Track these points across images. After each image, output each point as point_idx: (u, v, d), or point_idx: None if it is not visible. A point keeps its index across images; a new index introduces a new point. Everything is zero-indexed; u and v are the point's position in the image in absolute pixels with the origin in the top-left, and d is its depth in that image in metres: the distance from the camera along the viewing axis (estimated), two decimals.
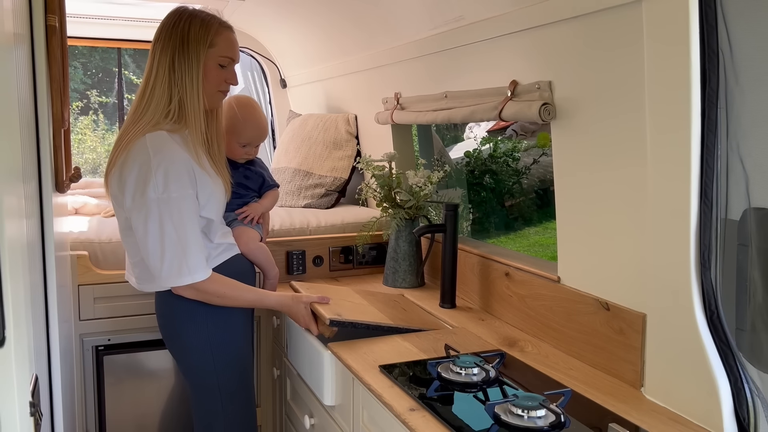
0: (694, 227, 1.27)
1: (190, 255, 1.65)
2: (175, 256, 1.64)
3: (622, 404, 1.39)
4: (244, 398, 1.86)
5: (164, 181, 1.62)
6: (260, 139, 2.03)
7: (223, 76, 1.76)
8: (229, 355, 1.81)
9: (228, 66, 1.77)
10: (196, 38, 1.70)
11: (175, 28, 1.71)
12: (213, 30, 1.72)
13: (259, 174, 2.06)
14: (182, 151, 1.68)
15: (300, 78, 3.41)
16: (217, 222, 1.79)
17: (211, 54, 1.73)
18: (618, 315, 1.52)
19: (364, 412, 1.59)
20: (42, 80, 1.48)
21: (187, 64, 1.69)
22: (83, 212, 2.63)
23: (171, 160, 1.64)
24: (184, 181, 1.65)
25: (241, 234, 1.93)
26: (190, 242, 1.65)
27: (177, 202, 1.63)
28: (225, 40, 1.75)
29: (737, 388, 1.26)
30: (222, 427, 1.82)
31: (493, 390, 1.47)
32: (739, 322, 1.31)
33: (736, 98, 1.16)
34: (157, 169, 1.62)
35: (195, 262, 1.66)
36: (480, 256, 2.10)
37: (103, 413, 2.27)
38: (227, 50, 1.75)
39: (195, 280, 1.67)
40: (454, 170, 6.70)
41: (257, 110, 2.02)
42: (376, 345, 1.74)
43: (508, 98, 1.78)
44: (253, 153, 2.04)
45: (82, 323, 2.20)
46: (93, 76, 10.52)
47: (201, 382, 1.82)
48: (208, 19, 1.73)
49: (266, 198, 2.07)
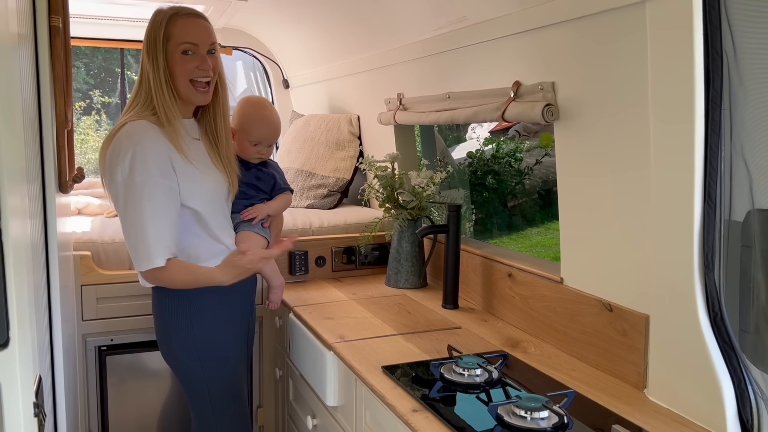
0: (698, 228, 1.27)
1: (148, 240, 1.64)
2: (137, 240, 1.65)
3: (625, 405, 1.39)
4: (234, 402, 1.83)
5: (131, 165, 1.63)
6: (271, 138, 1.99)
7: (192, 63, 1.72)
8: (218, 361, 1.79)
9: (194, 52, 1.71)
10: (154, 37, 1.70)
11: (146, 32, 1.74)
12: (166, 22, 1.71)
13: (270, 176, 2.00)
14: (159, 140, 1.67)
15: (303, 78, 3.41)
16: (206, 212, 1.75)
17: (171, 47, 1.70)
18: (621, 316, 1.51)
19: (366, 412, 1.59)
20: (45, 80, 1.48)
21: (154, 64, 1.70)
22: (86, 212, 2.64)
23: (141, 146, 1.64)
24: (149, 166, 1.64)
25: (244, 239, 1.87)
26: (149, 228, 1.63)
27: (140, 186, 1.63)
28: (181, 28, 1.71)
29: (741, 390, 1.25)
30: (214, 429, 1.82)
31: (496, 391, 1.47)
32: (743, 323, 1.31)
33: (739, 99, 1.16)
34: (126, 154, 1.64)
35: (152, 249, 1.64)
36: (482, 256, 2.10)
37: (105, 413, 2.27)
38: (183, 36, 1.70)
39: (148, 267, 1.65)
40: (457, 171, 6.70)
41: (268, 109, 1.98)
42: (379, 345, 1.74)
43: (511, 99, 1.78)
44: (266, 153, 2.00)
45: (84, 323, 2.20)
46: (96, 76, 10.53)
47: (190, 385, 1.81)
48: (164, 14, 1.72)
49: (275, 200, 2.00)
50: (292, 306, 2.13)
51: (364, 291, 2.31)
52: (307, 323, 1.96)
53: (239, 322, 1.85)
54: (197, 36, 1.72)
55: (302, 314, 2.03)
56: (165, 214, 1.66)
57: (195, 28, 1.72)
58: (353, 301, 2.18)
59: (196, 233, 1.75)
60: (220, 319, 1.78)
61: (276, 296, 2.08)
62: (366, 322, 1.95)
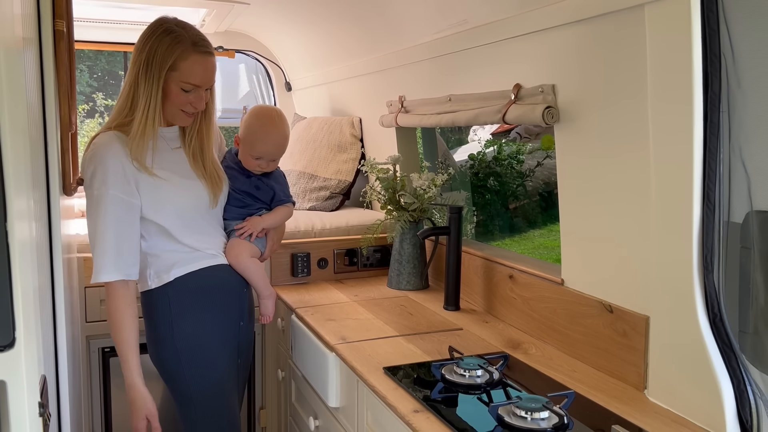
0: (697, 230, 1.28)
1: (98, 254, 1.65)
2: (94, 253, 1.67)
3: (625, 406, 1.40)
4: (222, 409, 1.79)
5: (91, 178, 1.65)
6: (274, 155, 1.91)
7: (187, 99, 1.69)
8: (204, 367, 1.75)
9: (192, 91, 1.69)
10: (160, 59, 1.65)
11: (146, 43, 1.67)
12: (178, 52, 1.65)
13: (270, 187, 1.93)
14: (119, 153, 1.66)
15: (305, 81, 3.43)
16: (175, 228, 1.72)
17: (173, 77, 1.66)
18: (621, 317, 1.52)
19: (368, 413, 1.60)
20: (50, 84, 1.50)
21: (147, 82, 1.65)
22: None
23: (102, 158, 1.65)
24: (108, 180, 1.64)
25: (232, 246, 1.83)
26: (101, 240, 1.64)
27: (96, 200, 1.65)
28: (190, 65, 1.66)
29: (740, 391, 1.26)
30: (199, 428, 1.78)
31: (497, 392, 1.48)
32: (742, 324, 1.32)
33: (738, 101, 1.17)
34: (89, 166, 1.66)
35: (100, 263, 1.64)
36: (484, 258, 2.10)
37: (109, 415, 2.28)
38: (190, 76, 1.66)
39: (98, 279, 1.65)
40: (459, 173, 6.70)
41: (276, 126, 1.89)
42: (381, 347, 1.75)
43: (511, 101, 1.79)
44: (268, 167, 1.91)
45: (88, 325, 2.21)
46: (99, 79, 10.58)
47: (175, 390, 1.78)
48: (179, 40, 1.65)
49: (272, 213, 1.93)
50: (294, 308, 2.14)
51: (366, 292, 2.32)
52: (309, 325, 1.97)
53: (227, 327, 1.79)
54: (203, 79, 1.69)
55: (304, 316, 2.04)
56: (115, 230, 1.64)
57: (204, 69, 1.69)
58: (355, 303, 2.19)
59: (165, 242, 1.74)
60: (204, 324, 1.75)
61: (267, 308, 1.93)
62: (368, 323, 1.96)
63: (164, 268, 1.73)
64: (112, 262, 1.65)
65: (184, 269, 1.74)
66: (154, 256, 1.73)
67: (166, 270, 1.73)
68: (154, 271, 1.74)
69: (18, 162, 0.94)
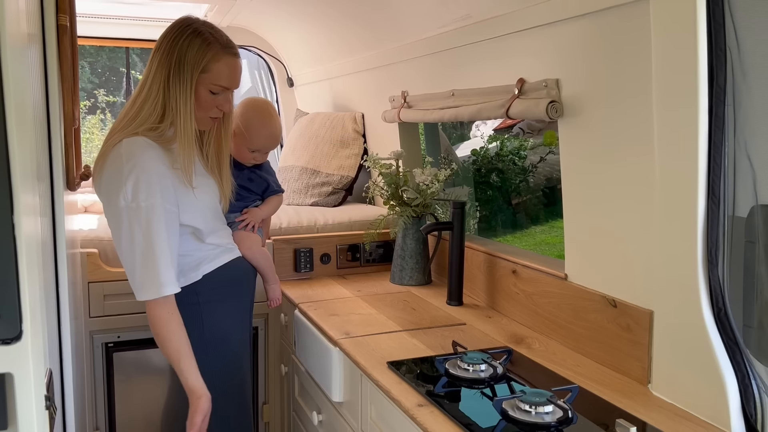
0: (701, 224, 1.28)
1: (159, 266, 1.58)
2: (144, 267, 1.58)
3: (629, 400, 1.40)
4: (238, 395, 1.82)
5: (134, 190, 1.56)
6: (271, 147, 1.98)
7: (215, 102, 1.67)
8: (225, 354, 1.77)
9: (221, 93, 1.67)
10: (192, 60, 1.62)
11: (174, 44, 1.63)
12: (210, 54, 1.63)
13: (263, 179, 2.01)
14: (158, 161, 1.61)
15: (307, 77, 3.42)
16: (206, 228, 1.73)
17: (203, 79, 1.64)
18: (625, 312, 1.52)
19: (372, 408, 1.60)
20: (54, 79, 1.50)
21: (181, 86, 1.62)
22: (92, 210, 2.66)
23: (143, 168, 1.57)
24: (154, 191, 1.57)
25: (243, 238, 1.90)
26: (160, 253, 1.58)
27: (146, 211, 1.56)
28: (221, 67, 1.64)
29: (744, 385, 1.26)
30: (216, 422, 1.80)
31: (501, 386, 1.48)
32: (747, 319, 1.32)
33: (743, 95, 1.17)
34: (128, 177, 1.56)
35: (165, 278, 1.58)
36: (487, 253, 2.10)
37: (112, 410, 2.29)
38: (220, 78, 1.65)
39: (161, 294, 1.59)
40: (461, 168, 6.70)
41: (272, 118, 1.95)
42: (384, 342, 1.76)
43: (515, 96, 1.79)
44: (261, 159, 1.99)
45: (92, 320, 2.22)
46: (100, 75, 10.57)
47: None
48: (209, 41, 1.63)
49: (267, 204, 2.02)
50: (297, 303, 2.14)
51: (369, 288, 2.32)
52: (313, 320, 1.97)
53: (247, 317, 1.87)
54: (232, 81, 1.67)
55: (307, 311, 2.04)
56: (170, 243, 1.62)
57: (234, 72, 1.67)
58: (358, 298, 2.19)
59: (193, 243, 1.73)
60: (228, 311, 1.77)
61: (276, 292, 2.04)
62: (371, 318, 1.96)
63: (192, 267, 1.72)
64: (174, 275, 1.62)
65: (210, 266, 1.74)
66: (182, 256, 1.71)
67: (193, 269, 1.72)
68: (181, 271, 1.71)
69: (24, 157, 0.94)
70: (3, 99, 0.87)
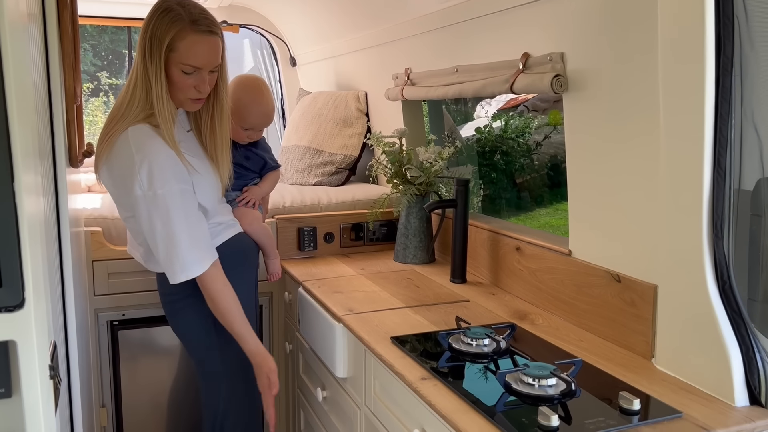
0: (707, 197, 1.27)
1: (181, 251, 1.60)
2: (167, 253, 1.61)
3: (632, 374, 1.40)
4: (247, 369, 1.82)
5: (148, 178, 1.57)
6: (265, 124, 1.99)
7: (189, 82, 1.62)
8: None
9: (194, 73, 1.61)
10: (159, 39, 1.57)
11: (148, 23, 1.60)
12: (174, 31, 1.57)
13: (260, 156, 2.04)
14: (166, 145, 1.61)
15: (310, 56, 3.40)
16: (211, 208, 1.75)
17: (172, 59, 1.59)
18: (629, 287, 1.52)
19: (375, 382, 1.61)
20: (54, 55, 1.49)
21: (153, 67, 1.58)
22: (96, 190, 2.66)
23: (154, 155, 1.58)
24: (168, 176, 1.58)
25: (244, 214, 1.93)
26: (180, 238, 1.59)
27: (163, 198, 1.57)
28: (189, 46, 1.58)
29: (749, 358, 1.26)
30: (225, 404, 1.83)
31: (504, 360, 1.48)
32: (752, 292, 1.31)
33: (751, 65, 1.15)
34: (140, 166, 1.57)
35: (187, 258, 1.61)
36: (490, 231, 2.10)
37: (118, 387, 2.30)
38: (188, 57, 1.58)
39: (189, 276, 1.63)
40: (465, 147, 6.67)
41: (264, 95, 1.95)
42: (388, 318, 1.76)
43: (519, 71, 1.77)
44: (256, 137, 2.01)
45: (96, 298, 2.23)
46: (103, 58, 10.54)
47: (203, 355, 1.82)
48: (175, 18, 1.57)
49: (266, 181, 2.05)
50: (301, 281, 2.14)
51: (373, 266, 2.32)
52: (317, 297, 1.97)
53: (251, 287, 1.88)
54: (203, 60, 1.61)
55: (311, 288, 2.04)
56: (198, 219, 1.65)
57: (203, 50, 1.60)
58: (362, 276, 2.19)
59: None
60: (234, 285, 1.76)
61: (276, 267, 2.09)
62: (374, 295, 1.97)
63: None
64: (209, 247, 1.66)
65: (215, 242, 1.75)
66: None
67: None
68: None
69: (25, 137, 0.94)
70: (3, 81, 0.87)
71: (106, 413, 2.30)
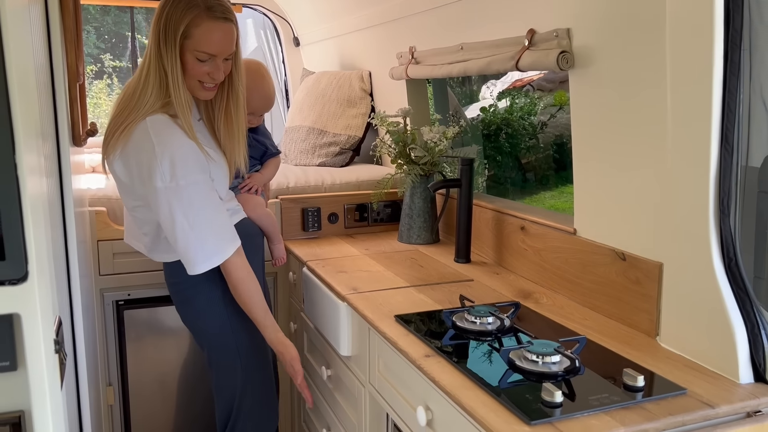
0: (714, 174, 1.25)
1: (204, 241, 1.61)
2: (187, 243, 1.60)
3: (637, 352, 1.40)
4: (261, 353, 1.86)
5: (171, 170, 1.56)
6: (265, 109, 1.99)
7: (204, 69, 1.62)
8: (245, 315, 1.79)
9: (208, 60, 1.61)
10: (174, 25, 1.57)
11: (163, 9, 1.59)
12: (189, 18, 1.56)
13: (260, 143, 2.05)
14: (185, 135, 1.61)
15: (313, 36, 3.38)
16: (223, 196, 1.76)
17: (187, 45, 1.59)
18: (634, 265, 1.51)
19: (380, 360, 1.61)
20: (56, 33, 1.48)
21: (168, 54, 1.58)
22: (100, 170, 2.65)
23: (176, 147, 1.57)
24: (191, 167, 1.59)
25: (248, 200, 1.94)
26: (203, 228, 1.61)
27: (186, 189, 1.57)
28: (203, 33, 1.57)
29: (754, 335, 1.26)
30: (242, 386, 1.83)
31: (508, 338, 1.48)
32: (757, 269, 1.30)
33: (760, 37, 1.13)
34: (162, 158, 1.56)
35: (211, 248, 1.63)
36: (495, 210, 2.09)
37: (124, 366, 2.32)
38: (203, 44, 1.58)
39: (212, 265, 1.64)
40: (470, 127, 6.63)
41: (264, 79, 1.93)
42: (392, 297, 1.76)
43: (525, 47, 1.75)
44: (257, 122, 2.01)
45: (102, 278, 2.24)
46: (106, 40, 10.49)
47: (217, 343, 1.82)
48: (191, 5, 1.57)
49: (267, 167, 2.07)
50: (305, 261, 2.15)
51: (377, 246, 2.32)
52: (321, 276, 1.98)
53: (258, 269, 1.87)
54: (218, 47, 1.60)
55: (315, 268, 2.05)
56: (218, 206, 1.66)
57: (219, 37, 1.59)
58: (366, 256, 2.19)
59: None
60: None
61: (281, 251, 2.11)
62: (379, 275, 1.97)
63: None
64: (233, 235, 1.68)
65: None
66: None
67: None
68: None
69: (27, 117, 0.93)
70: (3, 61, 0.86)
71: (113, 392, 2.32)
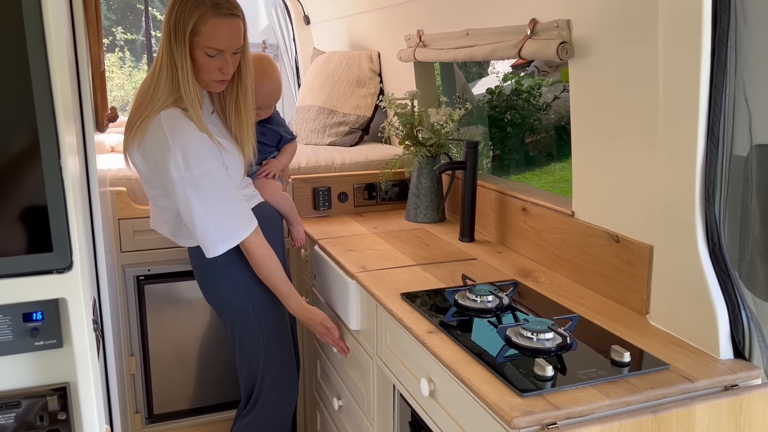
0: (701, 164, 1.33)
1: (221, 224, 1.70)
2: (204, 228, 1.69)
3: (627, 329, 1.49)
4: (282, 332, 1.96)
5: (184, 161, 1.64)
6: (271, 103, 2.05)
7: (213, 64, 1.69)
8: (266, 293, 1.89)
9: (217, 56, 1.68)
10: (183, 23, 1.64)
11: (172, 9, 1.66)
12: (197, 15, 1.63)
13: (275, 131, 2.12)
14: (197, 128, 1.69)
15: (323, 14, 3.42)
16: (239, 184, 1.84)
17: (197, 42, 1.66)
18: (627, 247, 1.60)
19: (387, 335, 1.72)
20: (80, 24, 1.55)
21: (178, 50, 1.65)
22: (119, 150, 2.75)
23: (187, 138, 1.65)
24: (203, 157, 1.67)
25: (264, 184, 2.02)
26: (219, 212, 1.69)
27: (200, 178, 1.66)
28: (211, 29, 1.64)
29: (734, 314, 1.34)
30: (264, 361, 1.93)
31: (506, 316, 1.58)
32: (741, 252, 1.39)
33: (744, 38, 1.20)
34: (175, 150, 1.64)
35: (228, 229, 1.72)
36: (498, 192, 2.18)
37: (145, 338, 2.45)
38: (211, 40, 1.65)
39: (230, 246, 1.74)
40: (476, 107, 6.65)
41: (268, 75, 1.98)
42: (399, 275, 1.86)
43: (527, 36, 1.81)
44: (266, 114, 2.06)
45: (123, 255, 2.35)
46: (117, 12, 10.49)
47: (239, 322, 1.92)
48: (199, 3, 1.63)
49: (284, 154, 2.14)
50: (316, 239, 2.25)
51: (385, 225, 2.41)
52: (331, 255, 2.08)
53: (280, 249, 1.95)
54: (225, 43, 1.67)
55: (326, 246, 2.15)
56: (233, 190, 1.74)
57: (226, 32, 1.66)
58: (374, 235, 2.28)
59: None
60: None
61: (300, 233, 2.20)
62: (386, 253, 2.06)
63: None
64: (249, 216, 1.77)
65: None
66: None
67: None
68: None
69: (65, 99, 1.02)
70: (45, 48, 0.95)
71: (135, 361, 2.45)
